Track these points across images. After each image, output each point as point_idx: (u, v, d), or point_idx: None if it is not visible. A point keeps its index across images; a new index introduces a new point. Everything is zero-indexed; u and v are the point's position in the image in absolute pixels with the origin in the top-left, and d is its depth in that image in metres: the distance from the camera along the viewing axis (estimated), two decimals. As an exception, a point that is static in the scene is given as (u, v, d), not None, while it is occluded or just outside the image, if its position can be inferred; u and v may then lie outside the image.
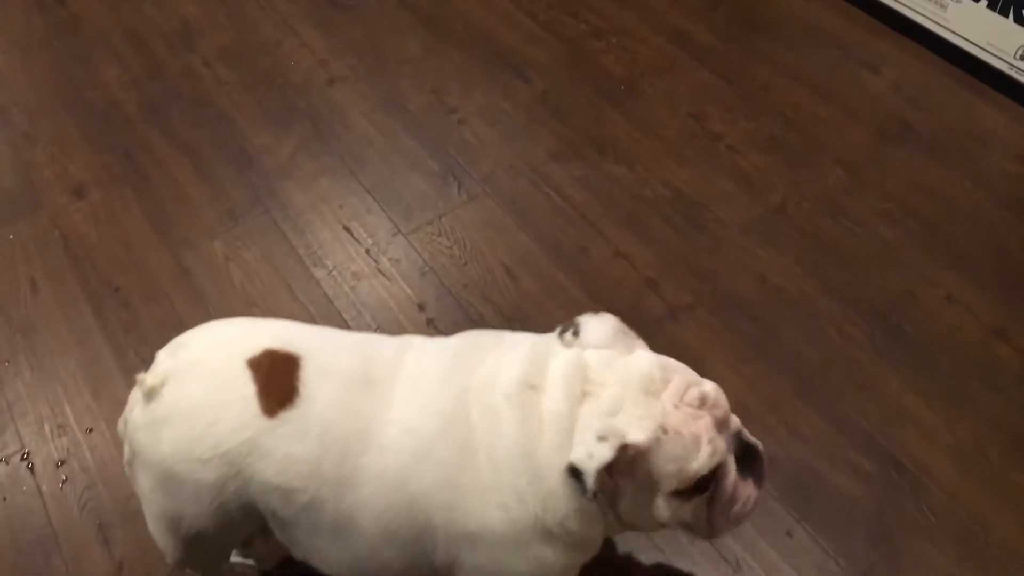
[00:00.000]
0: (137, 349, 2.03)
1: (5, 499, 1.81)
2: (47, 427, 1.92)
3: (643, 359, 1.21)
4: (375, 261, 2.14)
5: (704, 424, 1.15)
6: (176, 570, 1.64)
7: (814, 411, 1.77)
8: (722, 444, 1.18)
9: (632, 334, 1.29)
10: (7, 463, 1.87)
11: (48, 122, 2.58)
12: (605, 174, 2.25)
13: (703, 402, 1.17)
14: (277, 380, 1.21)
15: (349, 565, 1.27)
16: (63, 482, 1.83)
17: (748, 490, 1.22)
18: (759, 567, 1.58)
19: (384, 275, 2.10)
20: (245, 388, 1.21)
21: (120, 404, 1.95)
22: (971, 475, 1.67)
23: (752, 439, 1.26)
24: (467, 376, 1.20)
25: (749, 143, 2.27)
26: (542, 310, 1.96)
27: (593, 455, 1.08)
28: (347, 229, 2.21)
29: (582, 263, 2.07)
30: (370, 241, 2.18)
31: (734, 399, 1.79)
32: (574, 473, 1.09)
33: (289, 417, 1.19)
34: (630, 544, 1.60)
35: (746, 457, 1.23)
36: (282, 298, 2.09)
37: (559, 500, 1.14)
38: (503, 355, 1.22)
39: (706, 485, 1.17)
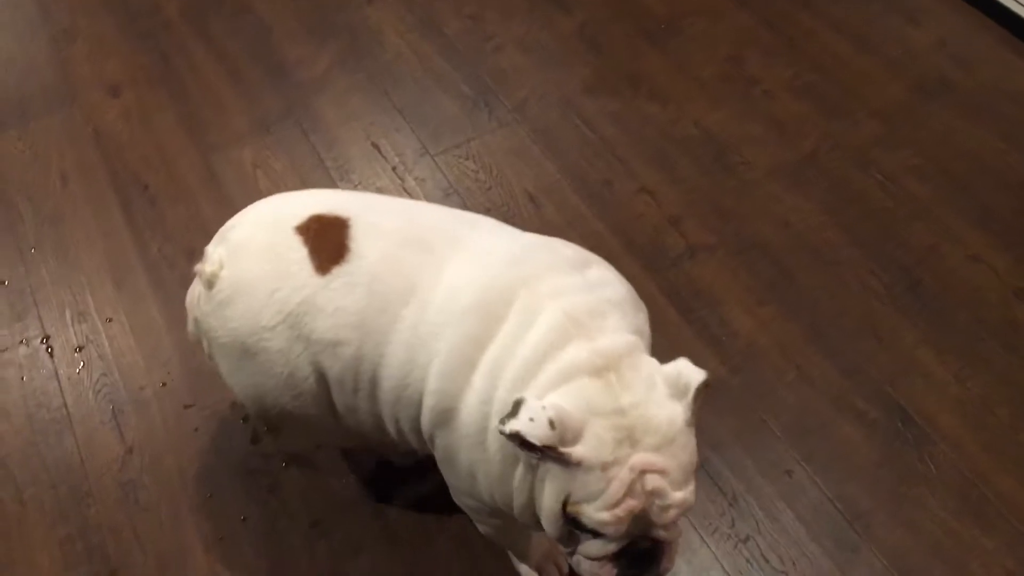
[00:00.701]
0: (161, 246, 2.05)
1: (23, 379, 1.86)
2: (68, 314, 1.96)
3: (670, 416, 1.10)
4: (401, 179, 2.14)
5: (631, 505, 1.08)
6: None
7: (825, 357, 1.76)
8: (622, 528, 1.10)
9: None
10: (28, 345, 1.91)
11: (88, 20, 2.59)
12: (637, 111, 2.23)
13: (653, 494, 1.08)
14: (327, 240, 1.25)
15: (372, 426, 1.30)
16: (80, 367, 1.87)
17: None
18: (755, 503, 1.59)
19: (409, 193, 2.11)
20: (297, 252, 1.25)
21: (141, 296, 2.00)
22: (977, 432, 1.67)
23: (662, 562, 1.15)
24: (532, 273, 1.18)
25: (785, 89, 2.24)
26: (563, 237, 1.95)
27: (534, 422, 1.04)
28: (375, 146, 2.22)
29: (606, 196, 2.07)
30: (397, 159, 2.18)
31: (748, 340, 1.82)
32: (513, 431, 1.05)
33: (340, 272, 1.23)
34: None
35: (641, 559, 1.14)
36: (306, 208, 2.10)
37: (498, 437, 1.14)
38: (582, 276, 1.20)
39: (580, 528, 1.11)
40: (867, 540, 1.54)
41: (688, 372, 1.10)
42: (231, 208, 2.16)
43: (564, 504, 1.09)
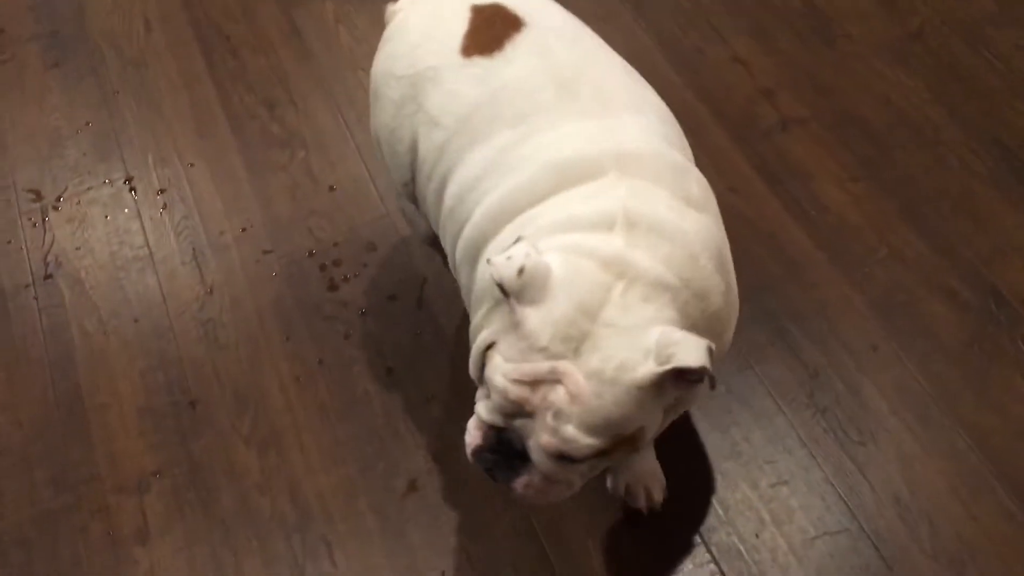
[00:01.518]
0: (242, 96, 2.04)
1: (107, 218, 1.88)
2: (150, 157, 1.97)
3: (623, 362, 0.98)
4: (484, 40, 2.09)
5: (522, 395, 1.00)
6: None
7: (919, 236, 1.70)
8: (504, 405, 1.02)
9: None
10: (112, 185, 1.93)
11: None
12: (735, -22, 2.13)
13: (550, 407, 0.99)
14: (489, 30, 1.23)
15: (434, 222, 1.31)
16: (162, 209, 1.89)
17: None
18: (836, 377, 1.56)
19: (492, 55, 2.06)
20: (457, 26, 1.25)
21: (223, 144, 2.00)
22: (1074, 321, 1.60)
23: (531, 452, 1.04)
24: (635, 171, 1.11)
25: (895, -37, 2.11)
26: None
27: (510, 261, 0.99)
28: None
29: (697, 63, 1.99)
30: (482, 19, 2.12)
31: (838, 216, 1.76)
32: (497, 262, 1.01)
33: (479, 63, 1.21)
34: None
35: (508, 458, 1.06)
36: (388, 64, 2.07)
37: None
38: (680, 208, 1.10)
39: (482, 380, 1.07)
40: (951, 419, 1.50)
41: (682, 350, 0.96)
42: (312, 62, 2.16)
43: (488, 347, 1.05)
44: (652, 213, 1.06)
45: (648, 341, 0.98)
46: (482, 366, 1.07)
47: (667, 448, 1.43)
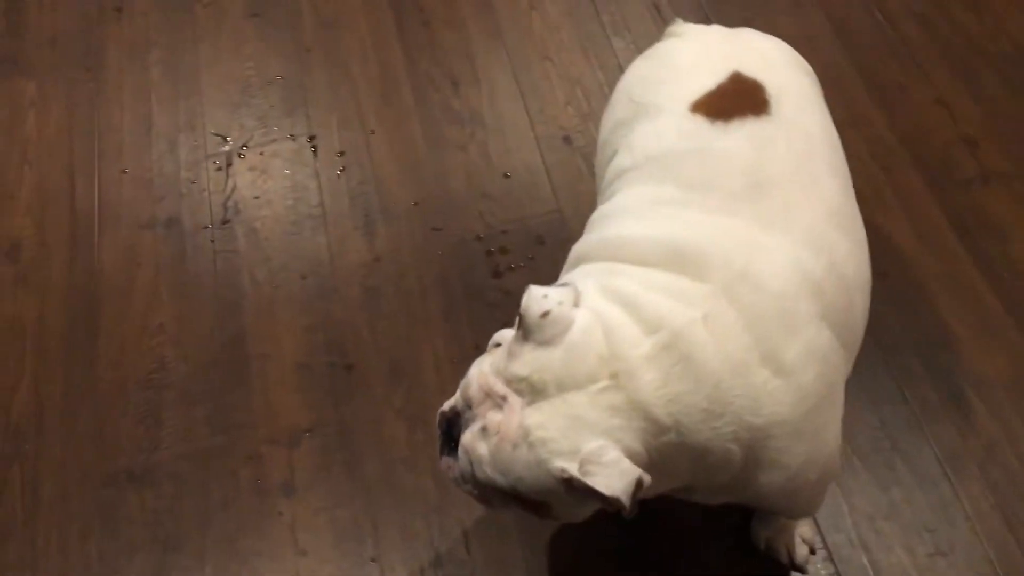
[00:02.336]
0: (429, 69, 2.05)
1: (287, 172, 1.93)
2: (334, 118, 2.00)
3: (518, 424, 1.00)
4: (676, 46, 2.05)
5: (471, 394, 1.05)
6: None
7: (1121, 318, 1.60)
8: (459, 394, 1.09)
9: None
10: (294, 140, 1.97)
11: None
12: (948, 16, 2.03)
13: (490, 393, 1.03)
14: (731, 100, 1.20)
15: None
16: (340, 171, 1.92)
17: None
18: (1012, 453, 1.47)
19: (683, 61, 2.02)
20: (708, 82, 1.23)
21: (406, 114, 2.01)
22: None
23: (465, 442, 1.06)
24: (737, 288, 1.06)
25: None
26: (844, 138, 1.82)
27: (545, 298, 1.01)
28: (655, 6, 2.12)
29: (897, 100, 1.91)
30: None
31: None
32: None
33: (698, 121, 1.19)
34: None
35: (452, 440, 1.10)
36: (576, 57, 2.05)
37: None
38: (771, 364, 1.04)
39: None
40: None
41: (603, 474, 0.94)
42: (500, 42, 2.16)
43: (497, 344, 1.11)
44: (701, 350, 1.00)
45: (585, 445, 0.97)
46: None
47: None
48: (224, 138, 1.98)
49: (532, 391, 0.99)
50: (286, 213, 1.87)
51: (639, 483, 0.95)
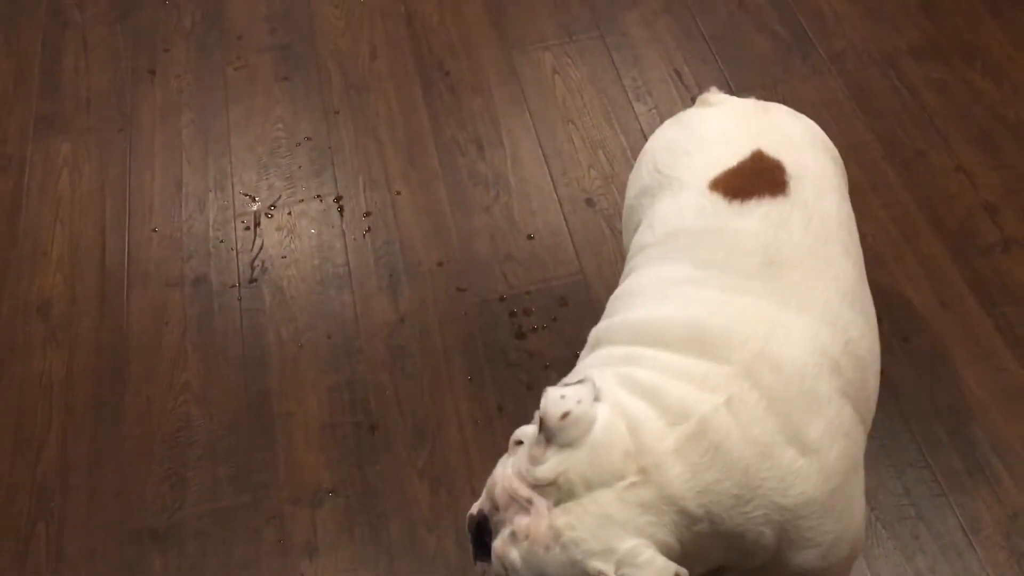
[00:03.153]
0: (455, 133, 2.09)
1: (314, 231, 1.96)
2: (361, 179, 2.04)
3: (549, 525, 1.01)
4: (697, 111, 2.09)
5: (499, 496, 1.04)
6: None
7: None
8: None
9: None
10: (321, 201, 2.01)
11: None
12: (966, 84, 2.06)
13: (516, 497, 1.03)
14: (750, 179, 1.22)
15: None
16: (366, 232, 1.95)
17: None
18: (1035, 521, 1.47)
19: (703, 126, 2.05)
20: (728, 158, 1.25)
21: (431, 176, 2.05)
22: None
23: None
24: (759, 379, 1.07)
25: None
26: (865, 203, 1.85)
27: (563, 398, 1.02)
28: (677, 72, 2.16)
29: (917, 167, 1.93)
30: (697, 89, 2.12)
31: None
32: None
33: (716, 200, 1.21)
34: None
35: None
36: (599, 121, 2.09)
37: None
38: (780, 454, 1.04)
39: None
40: None
41: (640, 572, 0.95)
42: (524, 106, 2.20)
43: (517, 442, 1.09)
44: (727, 436, 1.01)
45: (619, 545, 0.97)
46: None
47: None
48: (252, 198, 2.02)
49: (559, 493, 1.00)
50: (312, 272, 1.89)
51: None
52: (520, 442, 1.08)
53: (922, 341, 1.69)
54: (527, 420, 1.64)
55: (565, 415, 1.00)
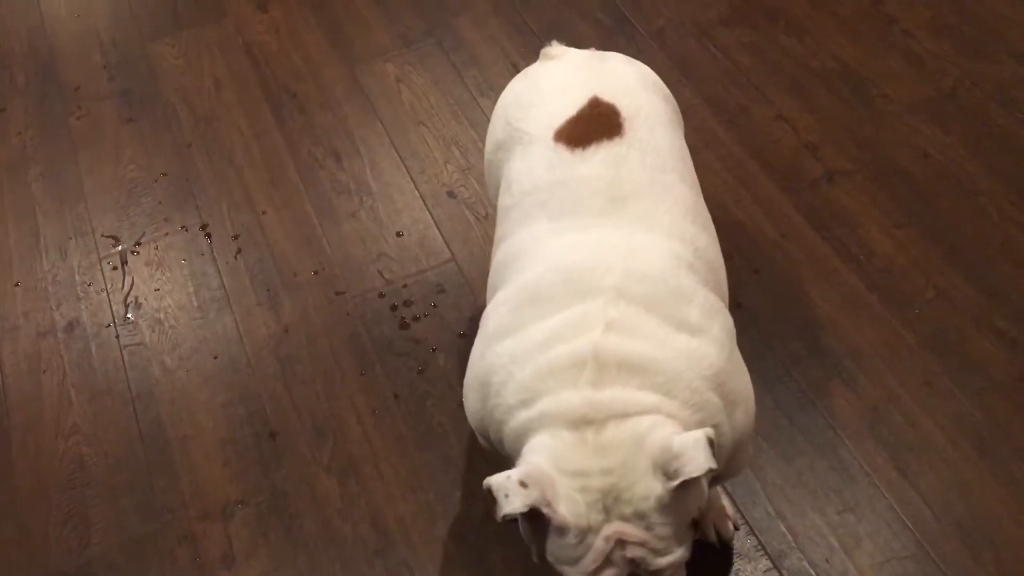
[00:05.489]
0: (310, 148, 2.14)
1: (184, 261, 1.97)
2: (224, 205, 2.06)
3: (645, 491, 1.06)
4: (538, 99, 2.21)
5: (611, 574, 1.07)
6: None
7: (965, 279, 1.78)
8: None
9: None
10: (187, 231, 2.02)
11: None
12: (774, 42, 2.25)
13: (635, 563, 1.06)
14: (587, 125, 1.32)
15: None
16: (237, 253, 1.97)
17: None
18: (895, 410, 1.62)
19: (546, 112, 2.17)
20: (569, 107, 1.35)
21: (294, 192, 2.10)
22: (1117, 360, 1.68)
23: None
24: (624, 291, 1.17)
25: (924, 28, 2.24)
26: (702, 160, 2.00)
27: (508, 498, 1.03)
28: (514, 65, 2.28)
29: (743, 121, 2.10)
30: (535, 80, 2.24)
31: (886, 260, 1.85)
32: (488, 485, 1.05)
33: (560, 151, 1.31)
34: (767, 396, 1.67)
35: None
36: (448, 120, 2.18)
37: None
38: (671, 328, 1.15)
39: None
40: (1008, 448, 1.56)
41: (688, 458, 1.02)
42: (374, 115, 2.27)
43: (546, 559, 1.10)
44: (622, 349, 1.11)
45: (645, 464, 1.04)
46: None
47: (735, 479, 1.49)
48: (116, 239, 2.01)
49: (598, 511, 1.04)
50: (189, 300, 1.90)
51: (709, 440, 1.04)
52: (558, 565, 1.09)
53: (770, 270, 1.84)
54: (423, 402, 1.71)
55: (522, 482, 1.02)
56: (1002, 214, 1.89)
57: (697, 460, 1.02)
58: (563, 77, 1.43)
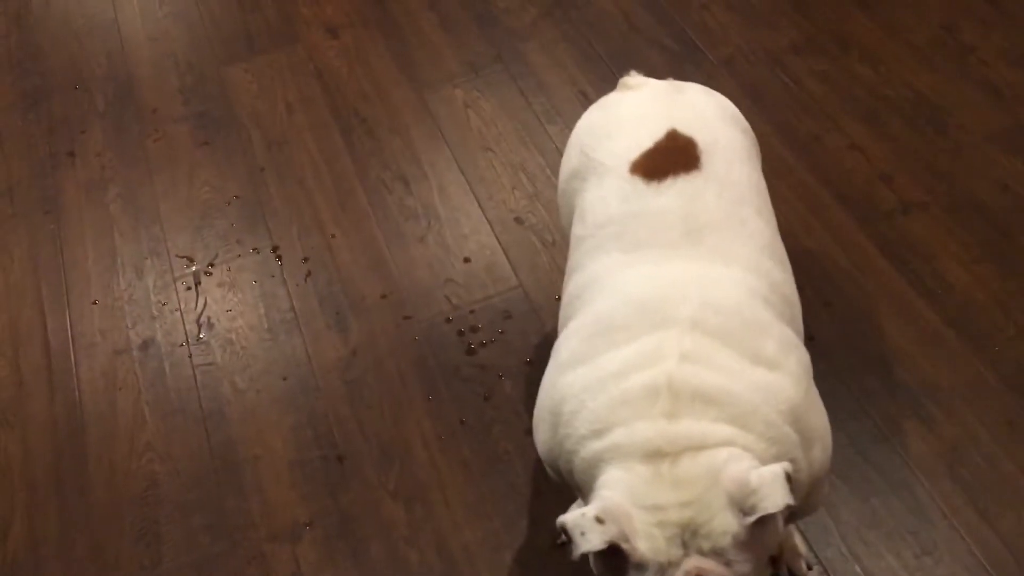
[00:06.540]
0: (379, 173, 2.17)
1: (255, 283, 2.00)
2: (295, 228, 2.09)
3: (723, 527, 1.03)
4: (606, 125, 2.21)
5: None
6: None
7: (1047, 315, 1.74)
8: None
9: None
10: (259, 253, 2.05)
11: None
12: (846, 71, 2.22)
13: None
14: (665, 158, 1.31)
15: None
16: (307, 276, 2.00)
17: None
18: (974, 450, 1.58)
19: (614, 139, 2.17)
20: (645, 139, 1.35)
21: (363, 216, 2.12)
22: None
23: None
24: (702, 321, 1.15)
25: (1002, 57, 2.20)
26: (772, 188, 1.96)
27: (585, 535, 1.00)
28: (582, 93, 2.28)
29: (815, 150, 2.08)
30: (603, 106, 2.24)
31: (963, 294, 1.80)
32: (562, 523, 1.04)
33: (636, 183, 1.30)
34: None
35: None
36: (515, 146, 2.19)
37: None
38: (747, 363, 1.14)
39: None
40: (1091, 495, 1.51)
41: (765, 494, 1.00)
42: (444, 142, 2.29)
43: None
44: (697, 380, 1.10)
45: (722, 500, 1.02)
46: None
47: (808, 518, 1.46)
48: (190, 259, 2.05)
49: (677, 546, 1.03)
50: (259, 321, 1.93)
51: (787, 475, 1.02)
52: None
53: (843, 303, 1.81)
54: (490, 429, 1.71)
55: (599, 519, 1.01)
56: (1086, 249, 1.84)
57: (774, 496, 1.00)
58: (640, 108, 1.42)
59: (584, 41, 2.40)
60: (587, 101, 2.26)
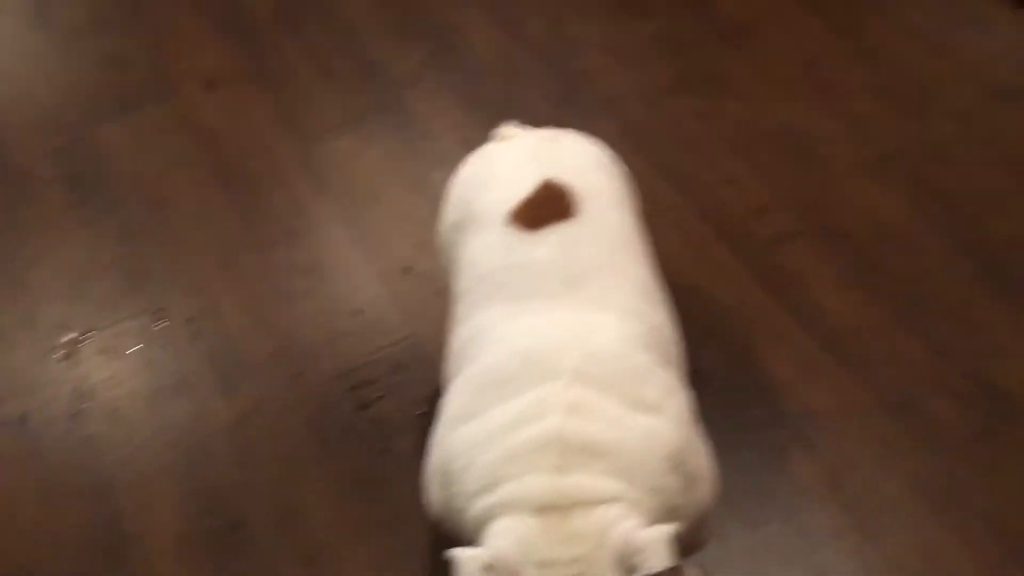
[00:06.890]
0: (264, 229, 2.14)
1: (137, 347, 1.93)
2: (177, 289, 2.03)
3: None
4: (491, 170, 2.23)
5: None
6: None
7: (915, 337, 1.82)
8: None
9: None
10: (140, 317, 1.98)
11: (186, 18, 2.70)
12: (719, 108, 2.30)
13: None
14: (540, 208, 1.33)
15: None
16: (192, 338, 1.94)
17: None
18: (857, 475, 1.64)
19: (499, 183, 2.19)
20: (521, 189, 1.36)
21: (248, 274, 2.08)
22: (1067, 410, 1.72)
23: None
24: (587, 373, 1.17)
25: (866, 90, 2.32)
26: (654, 224, 2.02)
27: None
28: (466, 139, 2.30)
29: (693, 187, 2.14)
30: (487, 151, 2.27)
31: (837, 320, 1.88)
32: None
33: (514, 235, 1.32)
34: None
35: None
36: (402, 194, 2.19)
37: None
38: (630, 410, 1.16)
39: None
40: (967, 508, 1.58)
41: (648, 554, 1.02)
42: (330, 194, 2.28)
43: None
44: (584, 433, 1.12)
45: (607, 559, 1.04)
46: None
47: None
48: (67, 328, 1.98)
49: None
50: (143, 387, 1.87)
51: (671, 537, 1.03)
52: None
53: (725, 335, 1.86)
54: (388, 484, 1.69)
55: (487, 567, 1.02)
56: (947, 270, 1.94)
57: (658, 556, 1.02)
58: (516, 158, 1.45)
59: (467, 87, 2.42)
60: (472, 146, 2.25)
